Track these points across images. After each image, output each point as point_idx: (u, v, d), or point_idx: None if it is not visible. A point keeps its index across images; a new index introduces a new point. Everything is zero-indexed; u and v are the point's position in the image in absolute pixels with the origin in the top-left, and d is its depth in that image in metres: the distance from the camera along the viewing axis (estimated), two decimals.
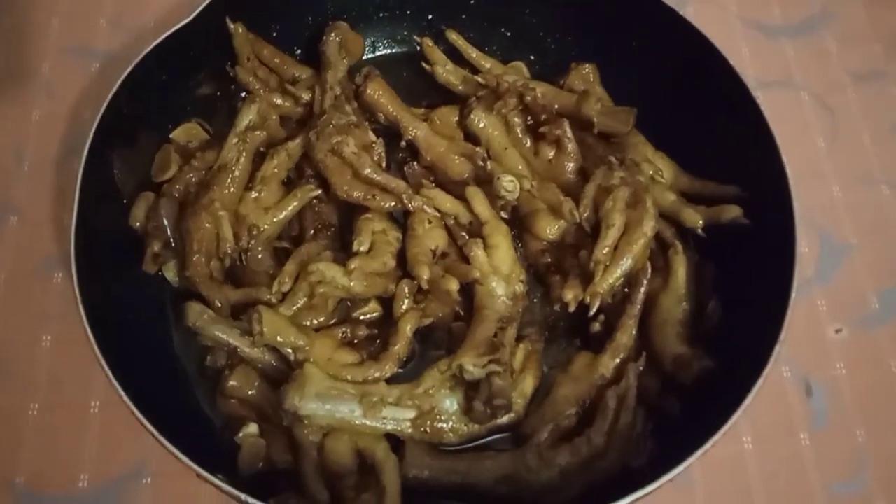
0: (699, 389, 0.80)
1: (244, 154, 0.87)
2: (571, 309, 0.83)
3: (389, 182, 0.88)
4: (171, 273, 0.87)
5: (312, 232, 0.89)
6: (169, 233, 0.85)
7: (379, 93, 0.94)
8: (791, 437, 0.88)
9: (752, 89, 0.88)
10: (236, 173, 0.87)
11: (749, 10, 1.14)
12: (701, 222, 0.87)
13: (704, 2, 1.14)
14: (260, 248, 0.87)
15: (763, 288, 0.82)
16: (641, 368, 0.80)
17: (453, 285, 0.81)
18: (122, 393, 0.70)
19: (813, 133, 1.05)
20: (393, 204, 0.88)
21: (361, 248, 0.85)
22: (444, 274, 0.82)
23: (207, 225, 0.84)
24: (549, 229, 0.89)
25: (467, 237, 0.89)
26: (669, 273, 0.86)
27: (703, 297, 0.86)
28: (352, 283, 0.82)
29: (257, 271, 0.87)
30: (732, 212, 0.86)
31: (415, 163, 0.95)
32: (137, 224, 0.85)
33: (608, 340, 0.83)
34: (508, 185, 0.86)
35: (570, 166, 0.93)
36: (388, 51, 1.05)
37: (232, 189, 0.87)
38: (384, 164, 0.90)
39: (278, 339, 0.79)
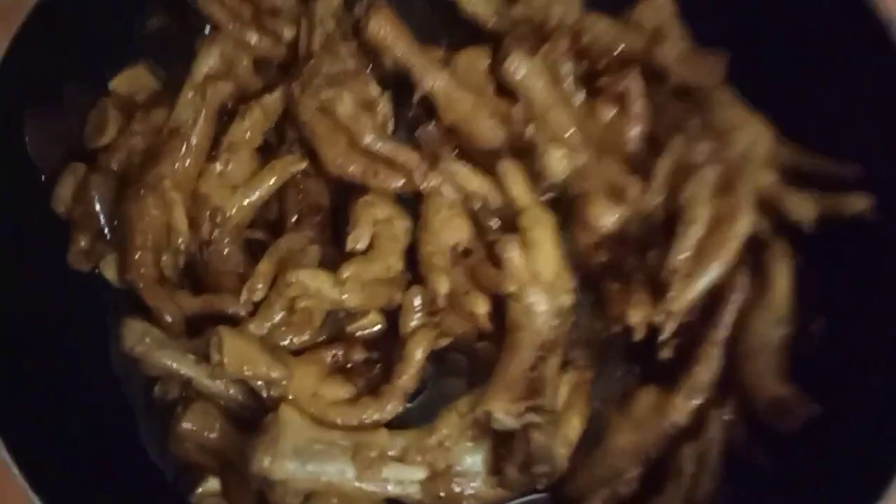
0: (801, 443, 0.60)
1: (204, 114, 0.65)
2: (639, 336, 0.62)
3: (398, 154, 0.66)
4: (109, 271, 0.67)
5: (296, 218, 0.68)
6: (103, 220, 0.64)
7: (386, 29, 0.70)
8: None
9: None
10: (193, 140, 0.65)
11: None
12: (814, 215, 0.65)
13: None
14: (226, 240, 0.67)
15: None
16: (728, 419, 0.60)
17: (481, 308, 0.60)
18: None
19: None
20: (402, 183, 0.66)
21: (359, 246, 0.64)
22: (469, 290, 0.61)
23: (155, 211, 0.64)
24: (606, 218, 0.67)
25: (498, 229, 0.67)
26: (766, 284, 0.64)
27: (803, 314, 0.65)
28: (344, 297, 0.62)
29: (222, 271, 0.66)
30: (858, 203, 0.63)
31: (431, 124, 0.72)
32: (63, 208, 0.64)
33: (683, 374, 0.62)
34: (558, 163, 0.64)
35: (636, 132, 0.70)
36: None
37: (188, 161, 0.65)
38: (391, 128, 0.68)
39: (245, 370, 0.59)
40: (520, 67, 0.71)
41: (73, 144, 0.67)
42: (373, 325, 0.66)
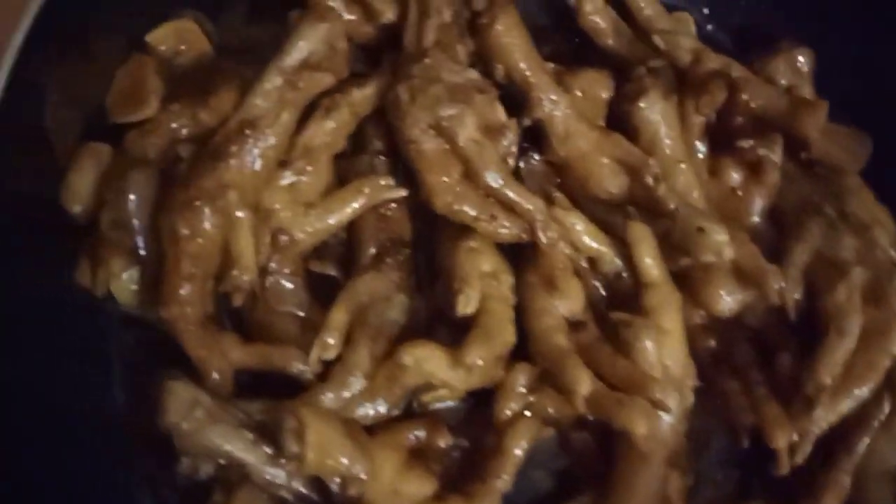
0: None
1: (290, 108, 0.49)
2: (784, 469, 0.54)
3: (523, 198, 0.53)
4: (123, 290, 0.49)
5: (374, 252, 0.54)
6: (136, 232, 0.47)
7: (513, 32, 0.57)
8: None
9: None
10: (271, 140, 0.49)
11: None
12: None
13: None
14: (287, 270, 0.51)
15: None
16: None
17: (641, 427, 0.49)
18: None
19: None
20: (517, 232, 0.54)
21: (470, 309, 0.51)
22: (622, 399, 0.49)
23: (212, 231, 0.47)
24: (727, 301, 0.58)
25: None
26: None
27: None
28: (461, 380, 0.49)
29: (277, 311, 0.51)
30: None
31: (534, 155, 0.60)
32: (78, 208, 0.47)
33: (806, 500, 0.55)
34: (722, 248, 0.54)
35: (762, 205, 0.61)
36: None
37: (258, 166, 0.49)
38: (513, 163, 0.55)
39: (328, 463, 0.45)
40: (654, 110, 0.60)
41: (92, 116, 0.48)
42: (454, 398, 0.53)
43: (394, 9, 0.56)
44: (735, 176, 0.62)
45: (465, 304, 0.50)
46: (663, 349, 0.54)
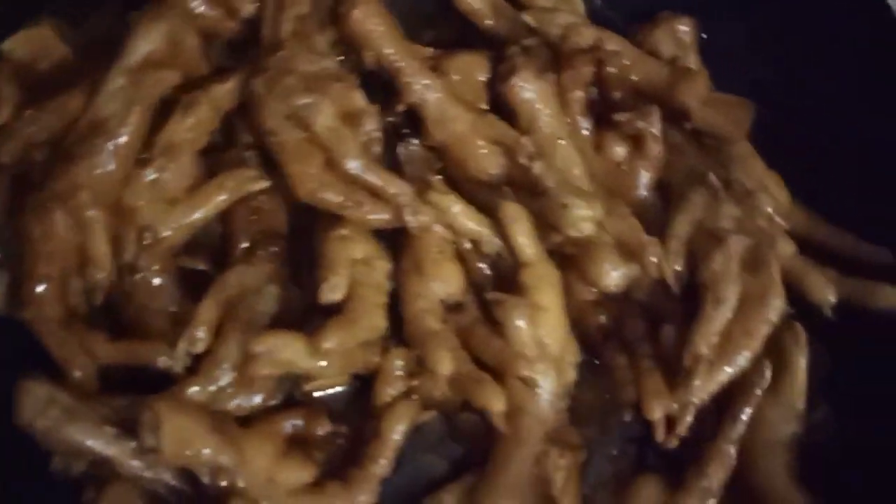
0: None
1: (138, 108, 0.50)
2: (660, 437, 0.54)
3: (388, 183, 0.53)
4: None
5: (246, 245, 0.54)
6: None
7: (374, 20, 0.57)
8: None
9: None
10: (122, 139, 0.50)
11: None
12: (832, 301, 0.59)
13: None
14: (156, 268, 0.52)
15: None
16: None
17: (496, 404, 0.49)
18: None
19: None
20: (387, 218, 0.54)
21: (335, 296, 0.51)
22: (480, 378, 0.50)
23: (66, 233, 0.47)
24: (613, 276, 0.58)
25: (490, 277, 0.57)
26: (783, 372, 0.58)
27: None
28: (321, 365, 0.49)
29: (149, 308, 0.51)
30: (889, 299, 0.58)
31: (413, 140, 0.60)
32: None
33: (692, 472, 0.55)
34: (584, 223, 0.54)
35: (647, 176, 0.61)
36: None
37: (112, 166, 0.50)
38: (377, 149, 0.55)
39: (188, 456, 0.46)
40: (527, 88, 0.60)
41: None
42: (336, 385, 0.54)
43: (253, 2, 0.56)
44: (619, 150, 0.61)
45: (329, 292, 0.51)
46: (540, 326, 0.54)
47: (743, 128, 0.62)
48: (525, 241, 0.56)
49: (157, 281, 0.52)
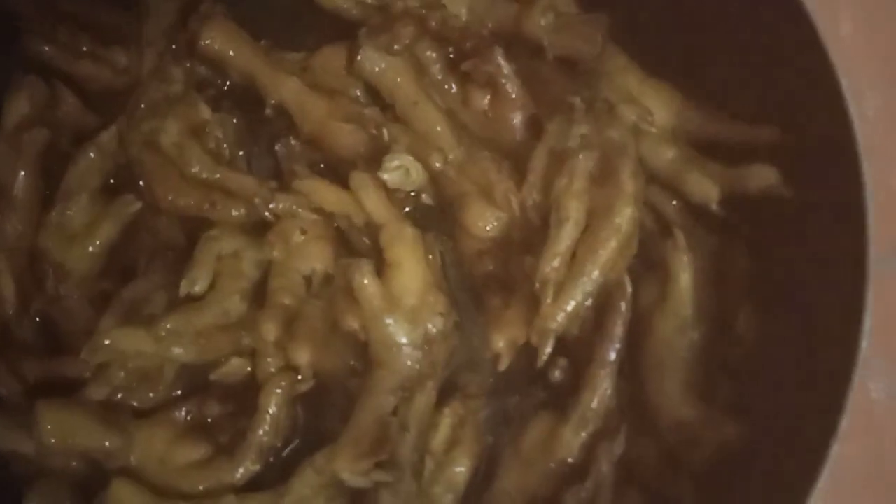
0: (720, 473, 0.51)
1: (21, 167, 0.60)
2: (502, 366, 0.54)
3: (231, 181, 0.59)
4: None
5: (145, 261, 0.62)
6: None
7: (221, 40, 0.63)
8: None
9: None
10: (18, 196, 0.60)
11: None
12: (716, 196, 0.55)
13: None
14: (75, 295, 0.61)
15: (823, 287, 0.50)
16: (619, 452, 0.51)
17: (302, 357, 0.52)
18: None
19: None
20: (242, 212, 0.59)
21: (196, 289, 0.57)
22: (294, 338, 0.53)
23: None
24: (485, 222, 0.58)
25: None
26: (668, 279, 0.55)
27: (729, 304, 0.55)
28: (176, 352, 0.55)
29: (73, 329, 0.61)
30: (763, 177, 0.53)
31: (290, 138, 0.64)
32: None
33: (571, 403, 0.53)
34: (395, 173, 0.56)
35: (516, 118, 0.61)
36: None
37: (14, 219, 0.60)
38: (225, 151, 0.61)
39: (72, 444, 0.54)
40: (374, 61, 0.62)
41: None
42: (237, 371, 0.59)
43: (126, 55, 0.65)
44: (482, 99, 0.62)
45: (188, 286, 0.57)
46: (393, 283, 0.56)
47: (596, 44, 0.59)
48: (373, 205, 0.58)
49: (75, 306, 0.61)
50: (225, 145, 0.61)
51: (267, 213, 0.59)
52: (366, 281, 0.55)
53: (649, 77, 0.60)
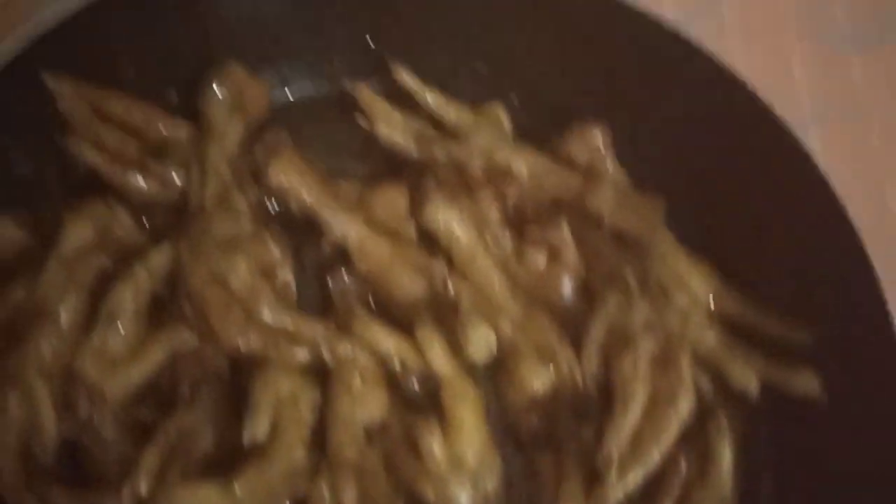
0: None
1: (73, 290, 0.57)
2: None
3: (300, 327, 0.59)
4: None
5: (188, 390, 0.60)
6: None
7: (289, 175, 0.63)
8: None
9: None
10: (63, 319, 0.57)
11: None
12: (756, 387, 0.60)
13: None
14: (107, 422, 0.58)
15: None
16: None
17: None
18: None
19: None
20: (307, 355, 0.59)
21: (258, 437, 0.56)
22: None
23: (17, 410, 0.55)
24: (537, 381, 0.61)
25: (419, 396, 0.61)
26: (708, 460, 0.59)
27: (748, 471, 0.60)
28: None
29: (104, 458, 0.58)
30: (805, 382, 0.58)
31: (344, 271, 0.65)
32: None
33: None
34: (478, 347, 0.57)
35: (568, 284, 0.64)
36: (308, 93, 0.73)
37: (57, 342, 0.57)
38: (293, 293, 0.61)
39: None
40: (442, 215, 0.64)
41: None
42: None
43: (182, 172, 0.63)
44: (539, 259, 0.65)
45: (252, 435, 0.56)
46: (456, 442, 0.57)
47: (654, 226, 0.64)
48: (439, 362, 0.59)
49: (109, 434, 0.58)
50: (293, 287, 0.60)
51: (328, 358, 0.59)
52: (434, 445, 0.56)
53: (692, 258, 0.65)
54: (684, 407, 0.57)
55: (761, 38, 0.80)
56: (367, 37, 0.71)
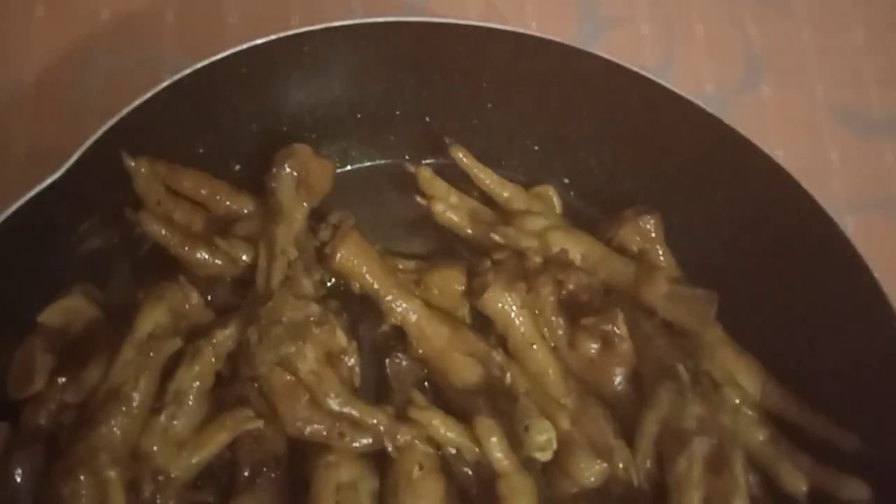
0: None
1: (147, 373, 0.58)
2: None
3: (365, 414, 0.60)
4: None
5: (248, 472, 0.61)
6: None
7: (354, 260, 0.64)
8: None
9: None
10: (135, 401, 0.58)
11: None
12: (805, 491, 0.61)
13: None
14: (170, 503, 0.59)
15: None
16: None
17: None
18: None
19: None
20: (369, 443, 0.60)
21: None
22: None
23: (89, 493, 0.56)
24: (590, 473, 0.62)
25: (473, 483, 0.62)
26: None
27: None
28: None
29: None
30: (856, 492, 0.60)
31: (400, 355, 0.66)
32: None
33: None
34: (542, 442, 0.59)
35: (620, 372, 0.65)
36: (368, 162, 0.74)
37: (128, 424, 0.58)
38: (357, 381, 0.62)
39: None
40: (499, 301, 0.65)
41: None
42: None
43: (248, 251, 0.64)
44: (591, 347, 0.66)
45: None
46: None
47: (706, 319, 0.65)
48: (498, 455, 0.60)
49: None
50: (358, 373, 0.61)
51: (390, 447, 0.60)
52: None
53: (742, 351, 0.67)
54: None
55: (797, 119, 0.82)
56: (426, 117, 0.72)
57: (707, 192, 0.69)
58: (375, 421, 0.60)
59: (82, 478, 0.55)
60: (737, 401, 0.63)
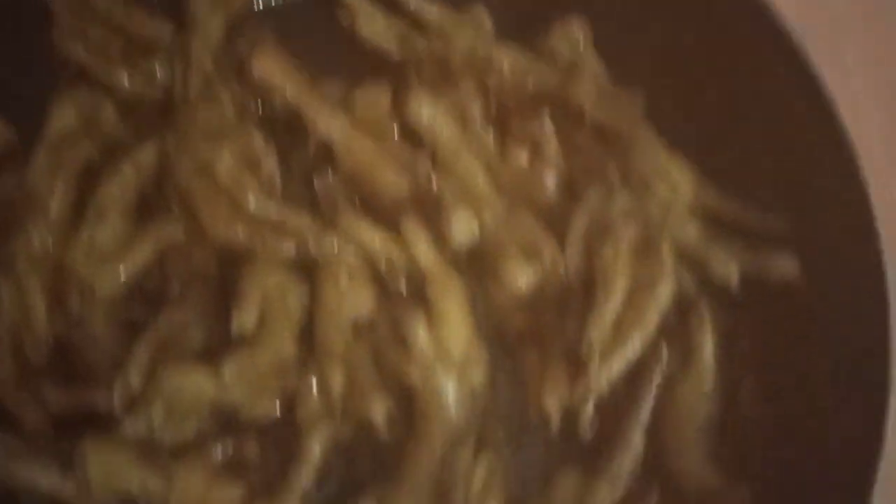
0: None
1: (61, 179, 0.57)
2: (554, 425, 0.58)
3: (287, 217, 0.59)
4: None
5: (178, 286, 0.61)
6: None
7: (273, 69, 0.62)
8: None
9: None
10: (52, 209, 0.57)
11: None
12: (736, 276, 0.61)
13: None
14: (97, 319, 0.59)
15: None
16: None
17: (376, 409, 0.54)
18: None
19: None
20: (293, 249, 0.60)
21: (246, 327, 0.57)
22: (362, 390, 0.55)
23: (8, 299, 0.55)
24: (522, 278, 0.62)
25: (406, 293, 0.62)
26: (690, 352, 0.60)
27: (731, 373, 0.62)
28: (234, 394, 0.55)
29: (95, 356, 0.59)
30: (783, 266, 0.59)
31: (329, 171, 0.65)
32: None
33: (603, 462, 0.58)
34: (462, 230, 0.58)
35: (551, 179, 0.64)
36: None
37: (46, 234, 0.57)
38: (277, 185, 0.61)
39: (115, 487, 0.53)
40: (423, 110, 0.64)
41: None
42: (267, 412, 0.59)
43: (165, 67, 0.63)
44: (521, 156, 0.65)
45: (240, 325, 0.57)
46: (442, 334, 0.58)
47: (632, 120, 0.64)
48: (424, 256, 0.60)
49: (99, 330, 0.59)
50: (278, 178, 0.60)
51: (315, 253, 0.59)
52: (420, 333, 0.57)
53: (672, 153, 0.66)
54: (664, 293, 0.58)
55: None
56: None
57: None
58: (298, 224, 0.59)
59: (1, 283, 0.55)
60: (666, 195, 0.62)
